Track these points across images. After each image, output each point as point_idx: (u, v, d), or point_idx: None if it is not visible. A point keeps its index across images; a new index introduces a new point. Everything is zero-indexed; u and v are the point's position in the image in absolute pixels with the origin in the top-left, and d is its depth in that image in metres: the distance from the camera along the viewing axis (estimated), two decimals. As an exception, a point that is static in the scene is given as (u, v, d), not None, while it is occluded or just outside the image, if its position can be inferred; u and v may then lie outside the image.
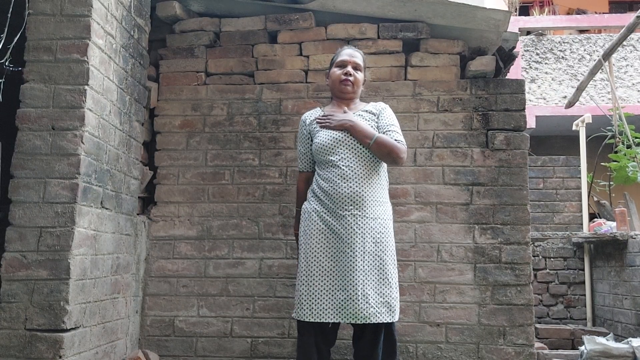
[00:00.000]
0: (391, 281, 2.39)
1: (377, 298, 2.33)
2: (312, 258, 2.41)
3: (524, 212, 3.07)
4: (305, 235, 2.46)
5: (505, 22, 3.09)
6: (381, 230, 2.42)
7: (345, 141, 2.47)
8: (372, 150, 2.45)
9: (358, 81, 2.60)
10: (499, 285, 3.02)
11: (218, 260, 3.16)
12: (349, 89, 2.58)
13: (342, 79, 2.57)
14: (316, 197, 2.48)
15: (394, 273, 2.42)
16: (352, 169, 2.43)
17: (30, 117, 2.41)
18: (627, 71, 7.71)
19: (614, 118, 5.43)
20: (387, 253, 2.41)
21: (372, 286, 2.34)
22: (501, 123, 3.16)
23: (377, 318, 2.32)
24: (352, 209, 2.39)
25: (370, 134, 2.45)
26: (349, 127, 2.47)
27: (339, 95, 2.62)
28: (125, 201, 2.89)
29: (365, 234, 2.37)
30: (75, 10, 2.45)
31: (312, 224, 2.44)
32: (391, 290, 2.37)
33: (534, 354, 2.96)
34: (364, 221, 2.39)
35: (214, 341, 3.09)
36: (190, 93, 3.32)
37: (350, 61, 2.59)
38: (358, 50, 2.68)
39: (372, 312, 2.31)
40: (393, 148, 2.43)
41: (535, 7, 10.18)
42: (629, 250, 4.47)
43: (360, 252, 2.35)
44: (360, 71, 2.62)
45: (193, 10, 3.39)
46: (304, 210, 2.52)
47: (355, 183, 2.41)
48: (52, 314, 2.29)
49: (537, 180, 5.55)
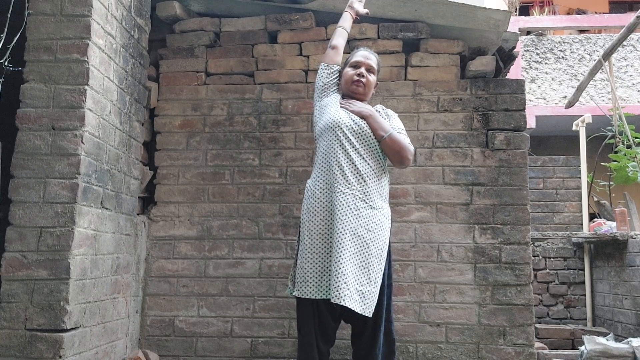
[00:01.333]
0: (371, 273, 2.33)
1: (353, 283, 2.28)
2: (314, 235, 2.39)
3: (524, 212, 3.07)
4: (308, 212, 2.44)
5: (505, 22, 3.09)
6: (376, 221, 2.40)
7: (361, 128, 2.46)
8: (384, 145, 2.45)
9: (370, 83, 2.62)
10: (499, 285, 3.02)
11: (218, 260, 3.16)
12: (361, 90, 2.60)
13: (354, 79, 2.58)
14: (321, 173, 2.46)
15: (378, 268, 2.36)
16: (365, 162, 2.43)
17: (30, 117, 2.41)
18: (627, 71, 7.71)
19: (614, 118, 5.43)
20: (375, 244, 2.36)
21: (352, 270, 2.29)
22: (501, 123, 3.16)
23: (349, 302, 2.24)
24: (356, 191, 2.38)
25: (386, 128, 2.47)
26: (368, 116, 2.49)
27: (349, 95, 2.63)
28: (125, 201, 2.89)
29: (360, 216, 2.36)
30: (75, 10, 2.45)
31: (316, 201, 2.43)
32: (369, 282, 2.32)
33: (534, 354, 2.96)
34: (363, 205, 2.37)
35: (214, 341, 3.09)
36: (190, 93, 3.32)
37: (365, 63, 2.61)
38: (373, 53, 2.69)
39: (346, 294, 2.24)
40: (404, 147, 2.45)
41: (535, 7, 10.18)
42: (629, 250, 4.47)
43: (350, 233, 2.32)
44: (373, 74, 2.63)
45: (193, 10, 3.39)
46: (308, 188, 2.51)
47: (366, 175, 2.41)
48: (52, 314, 2.29)
49: (537, 180, 5.55)
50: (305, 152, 3.21)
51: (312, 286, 2.36)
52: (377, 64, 2.67)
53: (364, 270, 2.33)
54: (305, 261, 2.40)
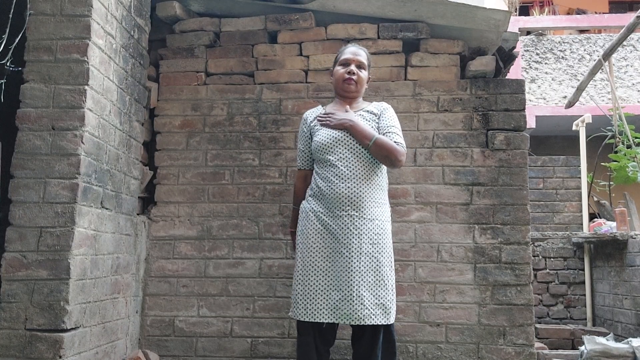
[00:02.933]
0: (387, 283, 2.38)
1: (372, 299, 2.32)
2: (309, 258, 2.41)
3: (524, 212, 3.07)
4: (303, 234, 2.46)
5: (505, 22, 3.09)
6: (378, 232, 2.41)
7: (344, 141, 2.46)
8: (371, 152, 2.44)
9: (361, 80, 2.59)
10: (499, 285, 3.02)
11: (218, 260, 3.16)
12: (352, 87, 2.57)
13: (345, 77, 2.56)
14: (314, 196, 2.48)
15: (391, 275, 2.42)
16: (350, 169, 2.42)
17: (30, 117, 2.41)
18: (627, 71, 7.71)
19: (614, 118, 5.43)
20: (384, 254, 2.40)
21: (368, 287, 2.33)
22: (501, 123, 3.16)
23: (371, 319, 2.31)
24: (350, 209, 2.38)
25: (369, 134, 2.43)
26: (349, 127, 2.46)
27: (342, 94, 2.61)
28: (125, 201, 2.89)
29: (362, 234, 2.37)
30: (75, 10, 2.45)
31: (310, 224, 2.44)
32: (387, 292, 2.36)
33: (534, 354, 2.96)
34: (361, 222, 2.38)
35: (214, 341, 3.09)
36: (190, 93, 3.32)
37: (354, 60, 2.58)
38: (362, 48, 2.65)
39: (367, 314, 2.30)
40: (392, 150, 2.42)
41: (535, 7, 10.17)
42: (629, 250, 4.47)
43: (357, 253, 2.34)
44: (364, 69, 2.60)
45: (193, 10, 3.39)
46: (302, 210, 2.52)
47: (354, 183, 2.40)
48: (52, 314, 2.29)
49: (537, 180, 5.55)
50: (305, 152, 3.20)
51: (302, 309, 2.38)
52: (367, 58, 2.63)
53: (380, 282, 2.36)
54: (298, 284, 2.42)
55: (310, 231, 2.43)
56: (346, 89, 2.58)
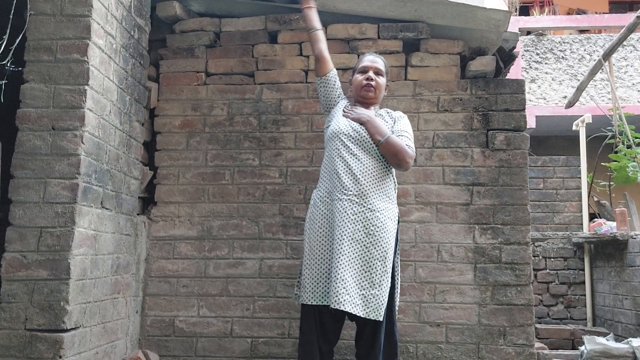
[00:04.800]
0: (374, 277, 2.35)
1: (355, 288, 2.32)
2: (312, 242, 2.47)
3: (524, 212, 3.07)
4: (310, 221, 2.53)
5: (505, 22, 3.09)
6: (377, 224, 2.41)
7: (358, 134, 2.52)
8: (381, 149, 2.49)
9: (380, 85, 2.65)
10: (499, 285, 3.02)
11: (218, 260, 3.16)
12: (371, 94, 2.63)
13: (364, 84, 2.63)
14: (323, 183, 2.55)
15: (383, 271, 2.38)
16: (362, 163, 2.47)
17: (31, 117, 2.41)
18: (627, 71, 7.71)
19: (614, 118, 5.43)
20: (378, 248, 2.38)
21: (352, 274, 2.33)
22: (501, 123, 3.16)
23: (350, 307, 2.29)
24: (353, 195, 2.43)
25: (383, 132, 2.50)
26: (366, 122, 2.53)
27: (361, 101, 2.67)
28: (126, 201, 2.89)
29: (358, 221, 2.39)
30: (76, 10, 2.45)
31: (317, 210, 2.52)
32: (372, 285, 2.34)
33: (534, 354, 2.96)
34: (361, 209, 2.41)
35: (214, 341, 3.09)
36: (191, 93, 3.32)
37: (372, 67, 2.65)
38: (380, 57, 2.74)
39: (346, 299, 2.29)
40: (400, 150, 2.48)
41: (535, 7, 10.17)
42: (629, 251, 4.47)
43: (349, 238, 2.37)
44: (382, 76, 2.67)
45: (193, 10, 3.39)
46: (312, 198, 2.60)
47: (362, 176, 2.45)
48: (52, 314, 2.28)
49: (537, 180, 5.55)
50: (305, 152, 3.21)
51: (309, 292, 2.42)
52: (385, 66, 2.71)
53: (365, 274, 2.36)
54: (305, 268, 2.47)
55: (316, 216, 2.50)
56: (365, 96, 2.64)
